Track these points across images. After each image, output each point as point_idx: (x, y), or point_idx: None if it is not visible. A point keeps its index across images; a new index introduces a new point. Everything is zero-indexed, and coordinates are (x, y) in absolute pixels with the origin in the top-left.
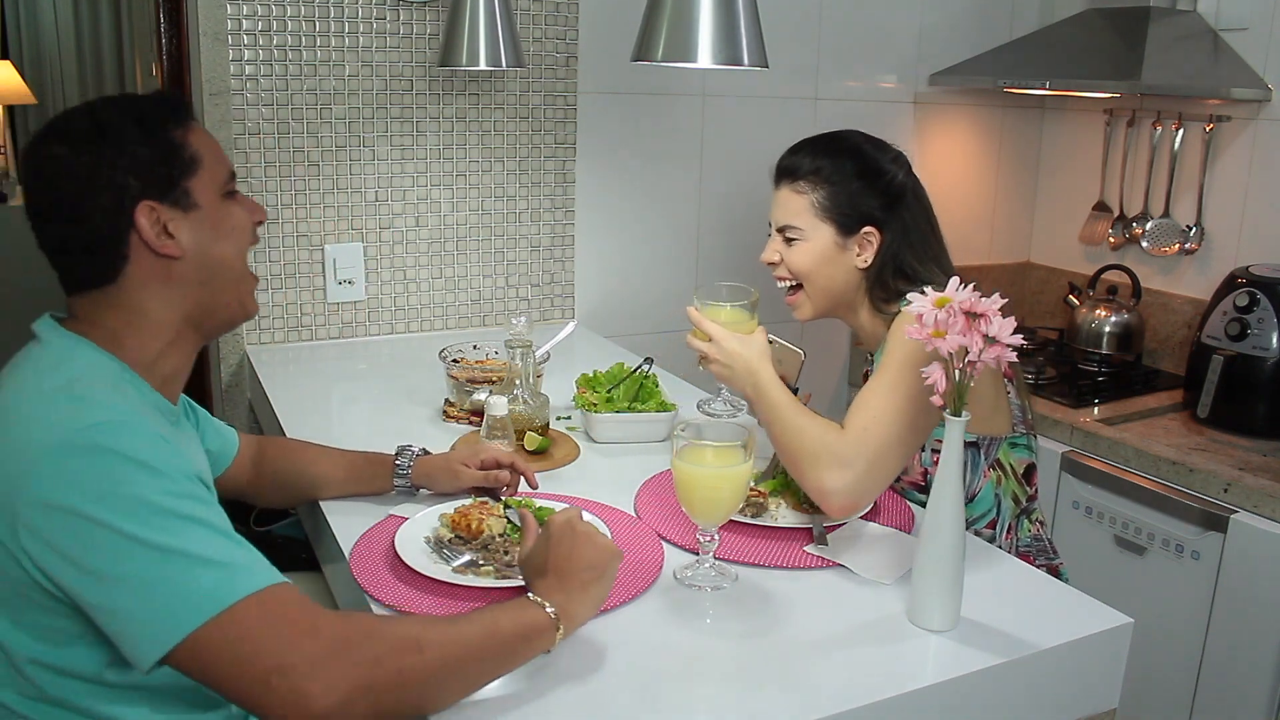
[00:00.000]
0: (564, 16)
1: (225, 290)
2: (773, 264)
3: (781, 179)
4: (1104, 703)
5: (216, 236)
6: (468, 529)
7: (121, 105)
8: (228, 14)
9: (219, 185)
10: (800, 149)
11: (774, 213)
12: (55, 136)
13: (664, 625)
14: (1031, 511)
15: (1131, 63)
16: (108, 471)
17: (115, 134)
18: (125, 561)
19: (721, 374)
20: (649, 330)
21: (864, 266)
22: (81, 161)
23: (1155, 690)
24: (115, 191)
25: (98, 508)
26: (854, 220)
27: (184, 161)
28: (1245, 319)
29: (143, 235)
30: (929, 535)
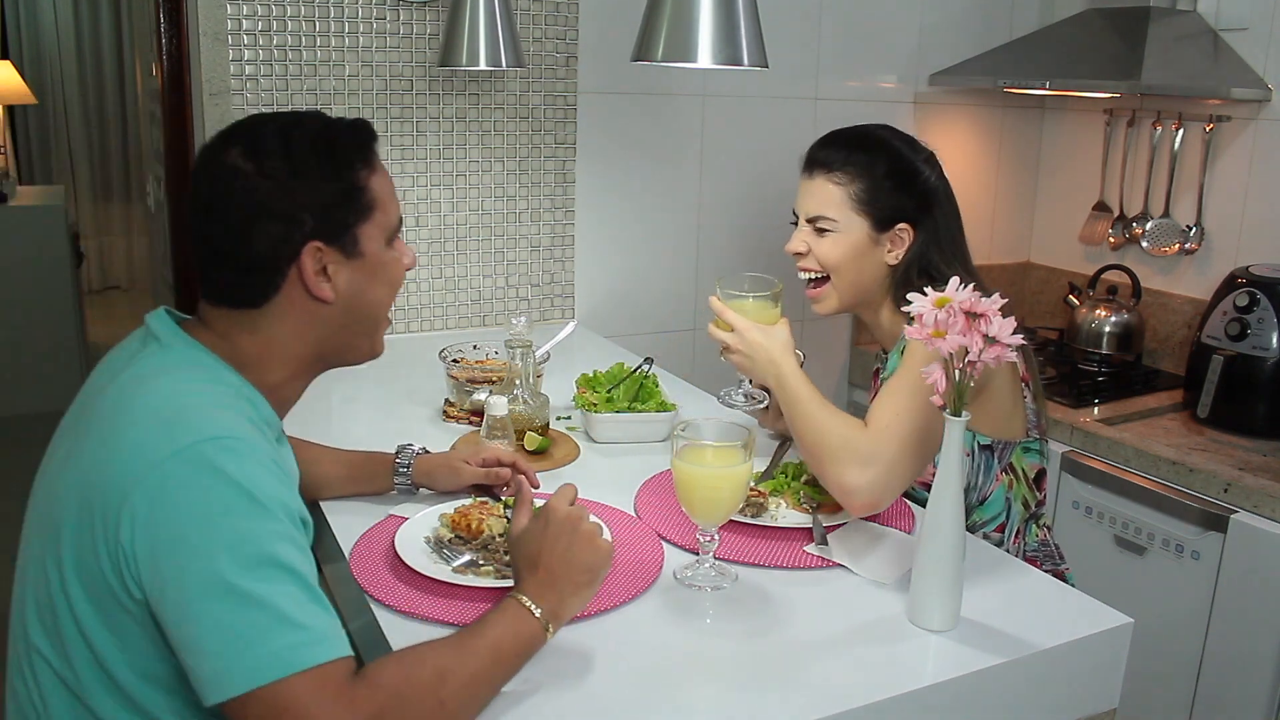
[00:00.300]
0: (564, 16)
1: (363, 335)
2: (799, 254)
3: (816, 168)
4: (1104, 703)
5: (372, 285)
6: (468, 529)
7: (316, 133)
8: (228, 14)
9: (386, 233)
10: (836, 140)
11: (804, 202)
12: (243, 148)
13: (664, 625)
14: (1040, 516)
15: (1131, 63)
16: (216, 495)
17: (303, 167)
18: (209, 599)
19: (743, 365)
20: (649, 330)
21: (893, 263)
22: (263, 185)
23: (1155, 690)
24: (288, 225)
25: (200, 532)
26: (889, 216)
27: (360, 207)
28: (1245, 319)
29: (303, 274)
30: (929, 535)
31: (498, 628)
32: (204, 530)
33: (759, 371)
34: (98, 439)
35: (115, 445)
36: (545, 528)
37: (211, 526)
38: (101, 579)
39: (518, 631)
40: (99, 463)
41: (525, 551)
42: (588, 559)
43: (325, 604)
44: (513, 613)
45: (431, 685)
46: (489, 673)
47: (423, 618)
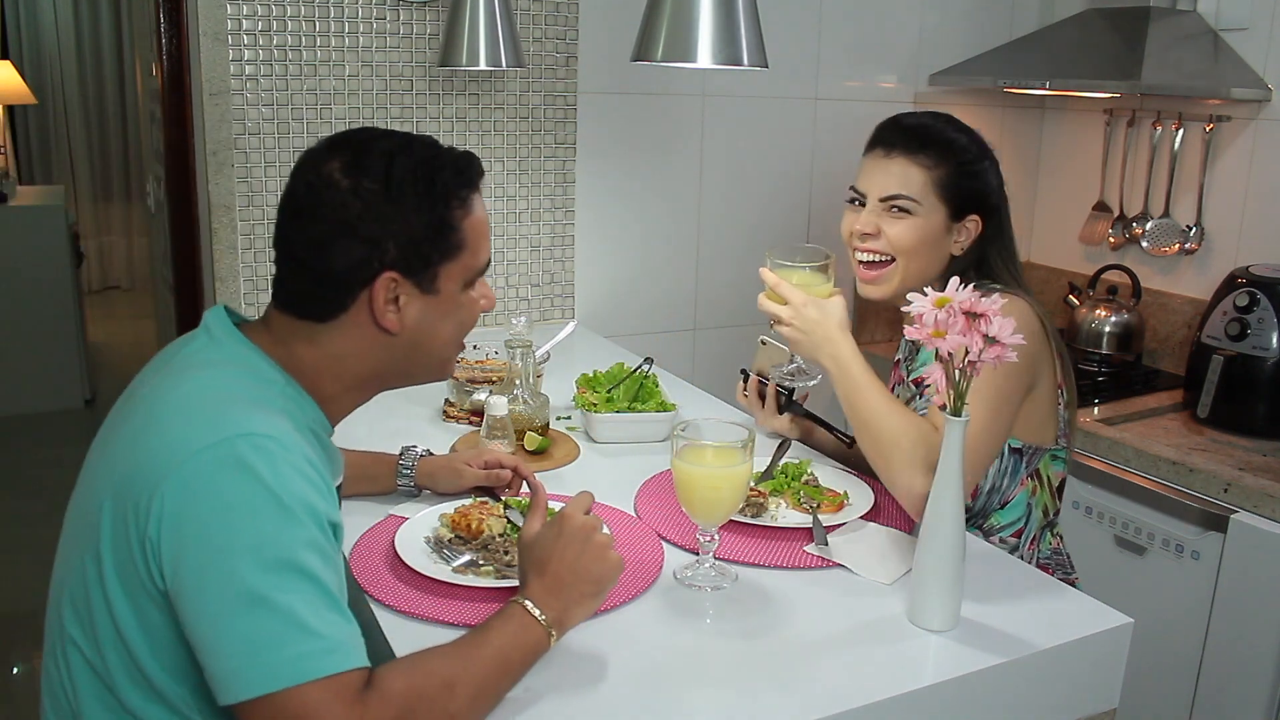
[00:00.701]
0: (564, 16)
1: (427, 368)
2: (868, 235)
3: (896, 149)
4: (1104, 703)
5: (443, 326)
6: (468, 529)
7: (420, 162)
8: (228, 14)
9: (468, 276)
10: (914, 124)
11: (880, 181)
12: (345, 161)
13: (664, 625)
14: (1055, 525)
15: (1131, 63)
16: (243, 494)
17: (398, 194)
18: (227, 600)
19: (797, 340)
20: (649, 330)
21: (957, 254)
22: (354, 204)
23: (1155, 690)
24: (370, 248)
25: (224, 530)
26: (966, 205)
27: (448, 245)
28: (1245, 319)
29: (372, 300)
30: (929, 535)
31: (503, 635)
32: (228, 529)
33: (813, 349)
34: (135, 429)
35: (150, 436)
36: (558, 535)
37: (236, 526)
38: (134, 568)
39: (522, 639)
40: (134, 453)
41: (534, 556)
42: (597, 570)
43: (345, 612)
44: (517, 619)
45: (440, 697)
46: (495, 681)
47: (423, 618)
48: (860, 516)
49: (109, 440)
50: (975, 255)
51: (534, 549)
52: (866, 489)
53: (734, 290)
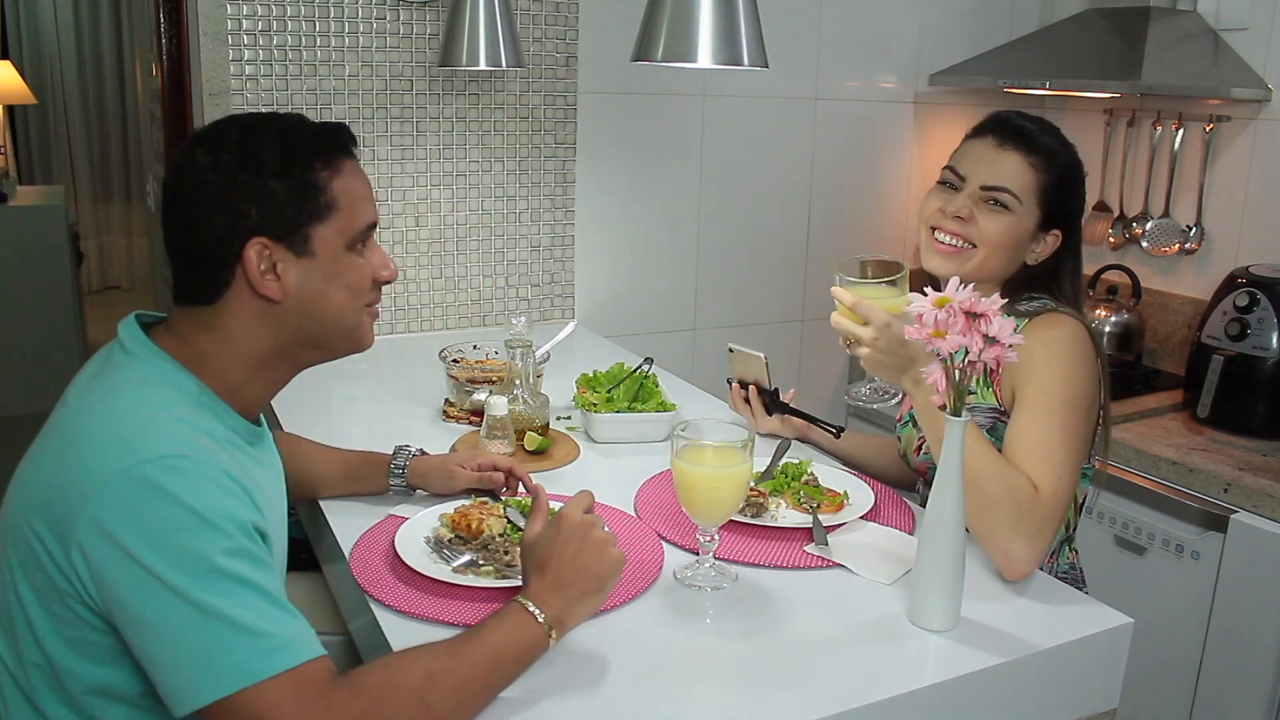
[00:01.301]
0: (564, 16)
1: (328, 336)
2: (960, 218)
3: (1010, 141)
4: (1104, 703)
5: (327, 288)
6: (468, 529)
7: (278, 130)
8: (228, 14)
9: (347, 237)
10: (1033, 123)
11: (988, 170)
12: (207, 143)
13: (664, 625)
14: (1073, 540)
15: (1131, 63)
16: (160, 515)
17: (255, 160)
18: (165, 613)
19: (876, 362)
20: (649, 330)
21: (1031, 263)
22: (214, 179)
23: (1155, 690)
24: (233, 218)
25: (147, 552)
26: (1055, 217)
27: (316, 207)
28: (1245, 319)
29: (246, 270)
30: (929, 535)
31: (497, 633)
32: (152, 550)
33: (898, 373)
34: (54, 453)
35: (67, 462)
36: (557, 534)
37: (159, 547)
38: (53, 589)
39: (519, 636)
40: (52, 477)
41: (535, 556)
42: (596, 567)
43: (289, 609)
44: (515, 617)
45: (417, 689)
46: (483, 677)
47: (423, 618)
48: (860, 516)
49: (35, 456)
50: (1047, 268)
51: (534, 550)
52: (867, 489)
53: (734, 290)
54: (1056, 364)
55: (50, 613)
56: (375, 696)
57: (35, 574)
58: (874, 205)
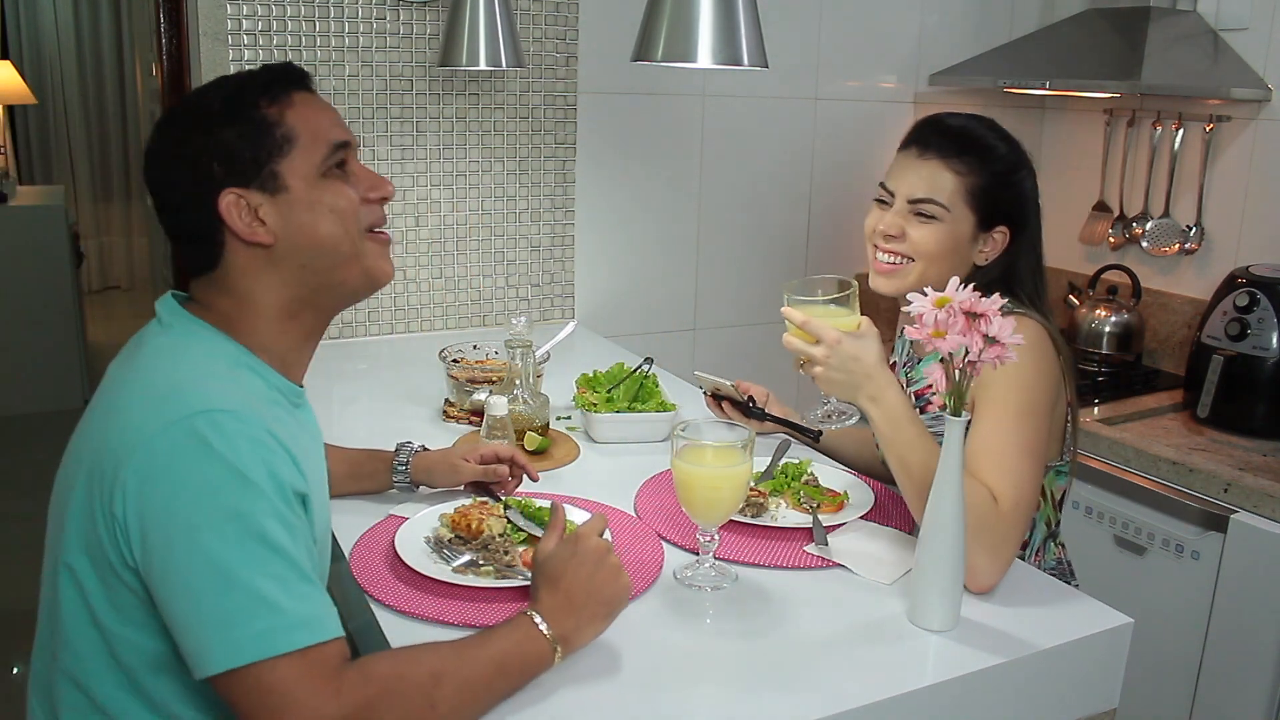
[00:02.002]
0: (564, 16)
1: (335, 269)
2: (891, 236)
3: (931, 151)
4: (1104, 703)
5: (312, 217)
6: (468, 529)
7: (222, 84)
8: (228, 14)
9: (315, 164)
10: (953, 126)
11: (911, 182)
12: (162, 123)
13: (664, 625)
14: (1057, 535)
15: (1131, 63)
16: (203, 471)
17: (202, 117)
18: (193, 573)
19: (832, 380)
20: (649, 330)
21: (981, 264)
22: (173, 151)
23: (1155, 690)
24: (201, 180)
25: (187, 507)
26: (994, 215)
27: (274, 142)
28: (1245, 319)
29: (229, 224)
30: (929, 535)
31: (505, 641)
32: (191, 506)
33: (853, 390)
34: (101, 414)
35: (112, 421)
36: (573, 554)
37: (198, 503)
38: (102, 553)
39: (525, 649)
40: (102, 436)
41: (548, 572)
42: (609, 592)
43: (315, 584)
44: (524, 630)
45: (424, 685)
46: (487, 683)
47: (423, 618)
48: (860, 516)
49: (82, 430)
50: (1003, 267)
51: (548, 565)
52: (866, 489)
53: (734, 290)
54: (1014, 370)
55: (103, 581)
56: (383, 687)
57: (89, 537)
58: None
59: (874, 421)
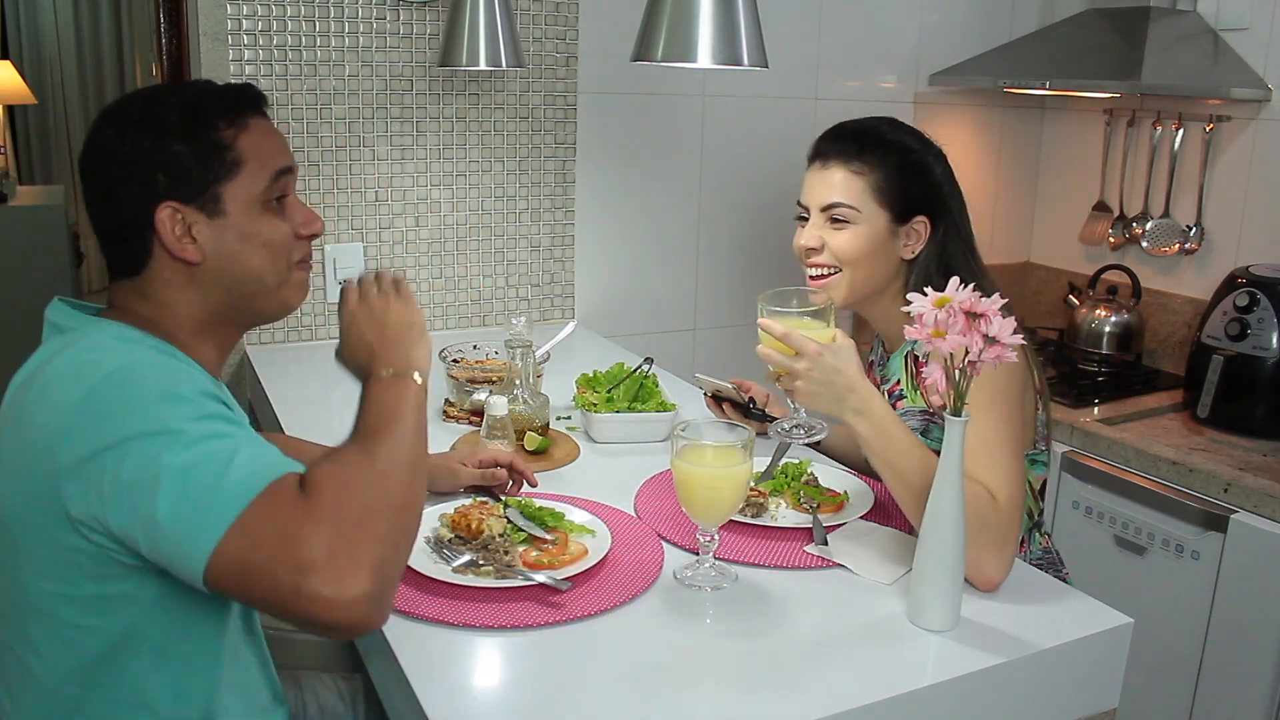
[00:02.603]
0: (564, 16)
1: (255, 298)
2: (812, 249)
3: (831, 159)
4: (1104, 703)
5: (244, 247)
6: (468, 529)
7: (181, 95)
8: (228, 14)
9: (257, 192)
10: (848, 131)
11: (818, 192)
12: (112, 115)
13: (664, 625)
14: (1041, 525)
15: (1131, 63)
16: (130, 402)
17: (159, 126)
18: (156, 467)
19: (811, 394)
20: (649, 330)
21: (908, 258)
22: (121, 149)
23: (1155, 690)
24: (143, 185)
25: (126, 430)
26: (908, 208)
27: (223, 165)
28: (1245, 319)
29: (161, 235)
30: (929, 535)
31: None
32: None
33: (836, 402)
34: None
35: (31, 420)
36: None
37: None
38: (65, 555)
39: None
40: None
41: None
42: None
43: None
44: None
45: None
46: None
47: (423, 618)
48: (860, 516)
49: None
50: (935, 256)
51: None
52: (866, 489)
53: (734, 290)
54: None
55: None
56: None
57: (43, 553)
58: None
59: (861, 434)
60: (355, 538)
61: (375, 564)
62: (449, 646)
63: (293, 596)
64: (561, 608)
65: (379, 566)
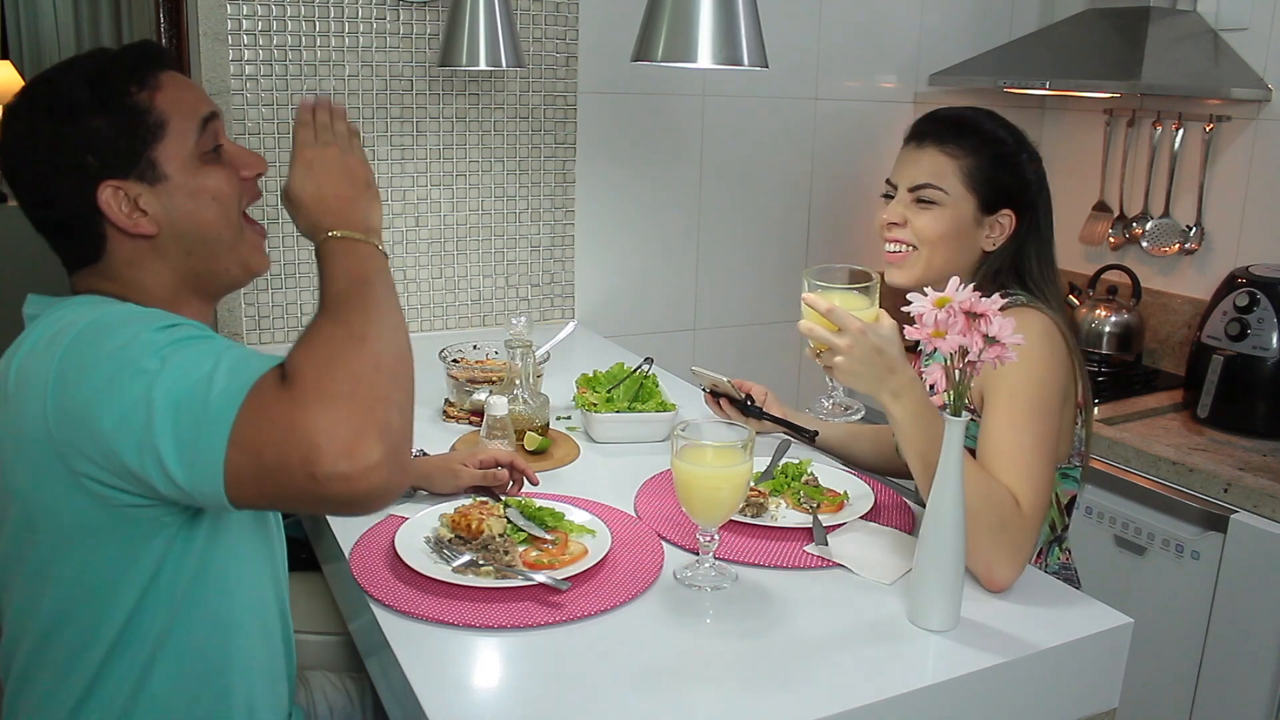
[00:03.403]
0: (564, 16)
1: (217, 258)
2: (894, 225)
3: (927, 139)
4: (1104, 703)
5: (194, 204)
6: (468, 529)
7: (80, 69)
8: (228, 14)
9: (190, 148)
10: (948, 115)
11: (909, 171)
12: (18, 112)
13: (664, 625)
14: (1063, 540)
15: (1131, 63)
16: (106, 349)
17: (69, 107)
18: (148, 405)
19: (851, 372)
20: (649, 330)
21: (989, 250)
22: (40, 142)
23: (1155, 690)
24: (76, 173)
25: (107, 374)
26: (998, 198)
27: (147, 129)
28: (1245, 319)
29: (110, 217)
30: (929, 535)
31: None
32: (111, 363)
33: (875, 383)
34: (5, 414)
35: (18, 395)
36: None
37: (116, 357)
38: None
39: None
40: (15, 425)
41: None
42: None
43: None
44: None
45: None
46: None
47: (423, 618)
48: (860, 516)
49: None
50: (1011, 253)
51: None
52: (866, 489)
53: (734, 290)
54: (1023, 364)
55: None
56: (317, 360)
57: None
58: (874, 205)
59: (895, 418)
60: (352, 409)
61: (380, 427)
62: (449, 646)
63: (311, 484)
64: (561, 608)
65: (385, 429)
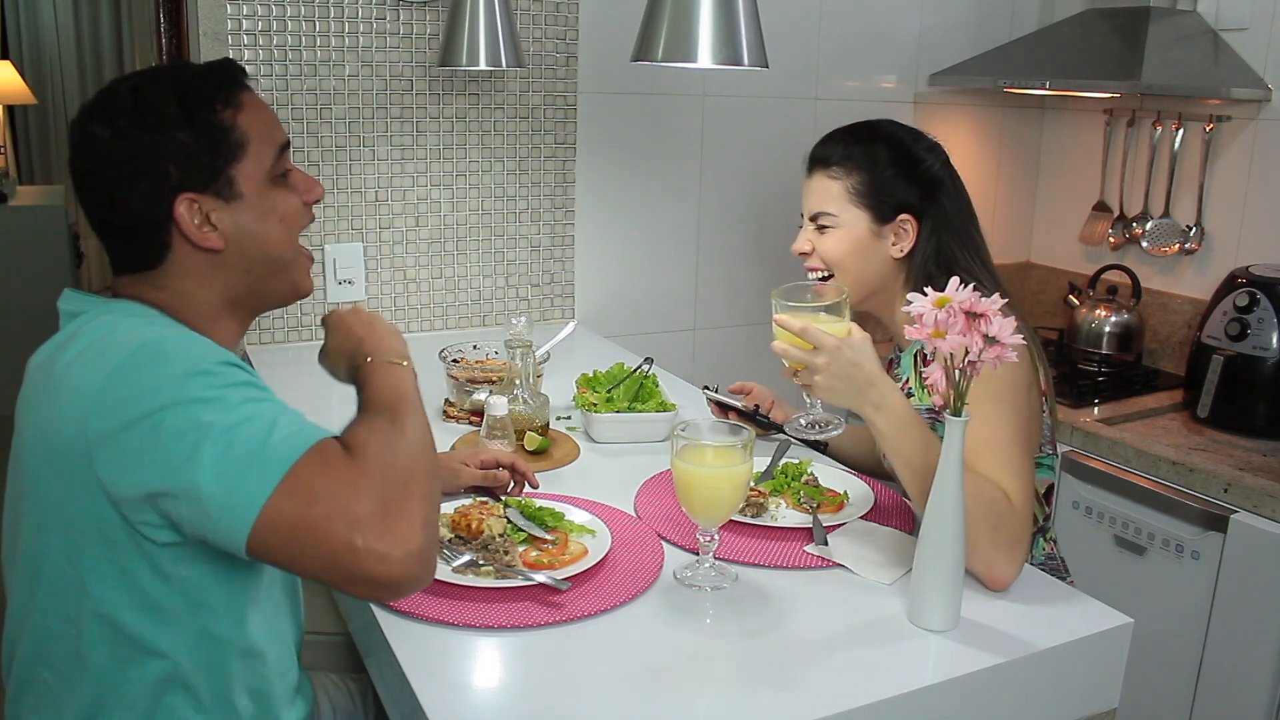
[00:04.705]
0: (564, 16)
1: (273, 277)
2: (805, 254)
3: (814, 166)
4: (1104, 703)
5: (263, 225)
6: (468, 529)
7: (167, 81)
8: (228, 14)
9: (266, 170)
10: (833, 137)
11: (806, 201)
12: (98, 114)
13: (664, 625)
14: (1047, 530)
15: (1131, 63)
16: (161, 374)
17: (156, 118)
18: (198, 429)
19: (830, 388)
20: (649, 330)
21: (900, 256)
22: (121, 146)
23: (1155, 690)
24: (155, 181)
25: (160, 400)
26: (889, 207)
27: (229, 147)
28: (1245, 319)
29: (182, 228)
30: (929, 535)
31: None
32: (162, 398)
33: (856, 396)
34: (36, 415)
35: (56, 397)
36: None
37: (167, 394)
38: (101, 530)
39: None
40: (48, 425)
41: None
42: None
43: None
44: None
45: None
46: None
47: (423, 618)
48: (860, 516)
49: (16, 443)
50: (933, 251)
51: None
52: (866, 489)
53: (734, 290)
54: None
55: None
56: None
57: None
58: None
59: (878, 429)
60: (403, 495)
61: (424, 521)
62: (449, 646)
63: (347, 552)
64: (561, 608)
65: (426, 524)
